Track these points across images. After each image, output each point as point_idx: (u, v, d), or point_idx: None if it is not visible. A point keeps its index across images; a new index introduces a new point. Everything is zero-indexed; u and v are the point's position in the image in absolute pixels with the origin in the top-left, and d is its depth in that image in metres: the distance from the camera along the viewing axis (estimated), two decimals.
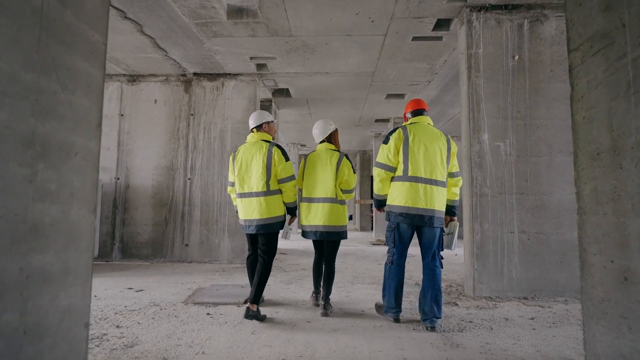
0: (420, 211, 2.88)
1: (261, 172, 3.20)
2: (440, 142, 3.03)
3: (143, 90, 6.55)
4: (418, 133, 3.00)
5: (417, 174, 2.90)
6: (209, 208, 6.30)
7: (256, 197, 3.22)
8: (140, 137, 6.47)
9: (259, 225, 3.21)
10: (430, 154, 2.95)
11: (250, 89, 6.50)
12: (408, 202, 2.90)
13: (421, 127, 3.06)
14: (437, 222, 2.94)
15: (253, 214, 3.22)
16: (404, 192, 2.92)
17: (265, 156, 3.21)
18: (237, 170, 3.31)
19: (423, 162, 2.92)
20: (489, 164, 4.11)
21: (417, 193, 2.89)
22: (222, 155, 6.38)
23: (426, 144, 2.96)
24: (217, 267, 5.76)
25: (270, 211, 3.21)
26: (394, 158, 2.98)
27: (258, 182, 3.21)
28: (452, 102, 8.17)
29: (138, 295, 3.92)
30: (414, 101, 3.29)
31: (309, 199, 3.41)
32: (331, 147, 3.50)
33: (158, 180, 6.39)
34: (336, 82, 6.96)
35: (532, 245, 4.00)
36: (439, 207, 2.94)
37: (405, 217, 2.91)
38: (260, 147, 3.26)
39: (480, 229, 4.04)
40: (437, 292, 2.93)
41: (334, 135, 3.57)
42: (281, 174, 3.24)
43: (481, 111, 4.16)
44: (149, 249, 6.27)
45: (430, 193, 2.90)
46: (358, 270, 5.69)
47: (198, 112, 6.49)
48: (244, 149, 3.35)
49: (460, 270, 5.72)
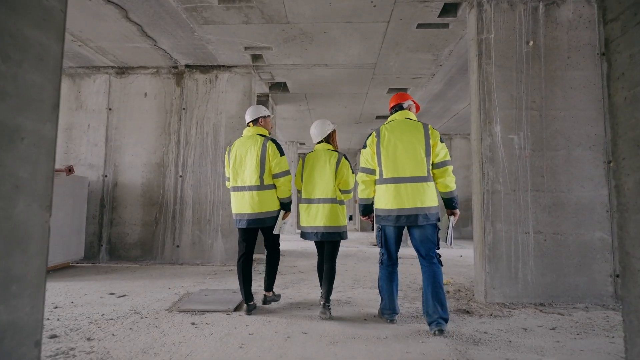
0: (402, 211, 2.80)
1: (255, 166, 3.20)
2: (417, 135, 2.87)
3: (132, 83, 6.22)
4: (392, 132, 2.92)
5: (393, 174, 2.84)
6: (202, 207, 5.97)
7: (249, 191, 3.22)
8: (129, 133, 6.14)
9: (250, 220, 3.21)
10: (406, 150, 2.85)
11: (245, 82, 6.17)
12: (388, 204, 2.85)
13: (397, 124, 2.97)
14: (422, 220, 2.80)
15: (245, 207, 3.22)
16: (383, 195, 2.89)
17: (259, 150, 3.22)
18: (232, 163, 3.30)
19: (398, 161, 2.84)
20: (501, 159, 3.78)
21: (396, 194, 2.82)
22: (215, 152, 6.06)
23: (400, 141, 2.87)
24: (210, 270, 5.43)
25: (262, 206, 3.21)
26: (372, 161, 2.98)
27: (251, 176, 3.21)
28: (457, 97, 7.84)
29: (119, 302, 3.59)
30: (396, 95, 3.19)
31: (308, 200, 3.35)
32: (329, 148, 3.46)
33: (148, 178, 6.06)
34: (336, 75, 6.64)
35: (548, 247, 3.68)
36: (422, 204, 2.79)
37: (387, 219, 2.86)
38: (255, 141, 3.26)
39: (492, 229, 3.71)
40: (438, 290, 2.79)
41: (332, 136, 3.54)
42: (275, 169, 3.25)
43: (493, 101, 3.84)
44: (138, 251, 5.94)
45: (411, 191, 2.80)
46: (359, 273, 5.36)
47: (190, 106, 6.16)
48: (239, 142, 3.34)
49: (467, 272, 5.39)
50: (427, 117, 9.63)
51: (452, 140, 11.59)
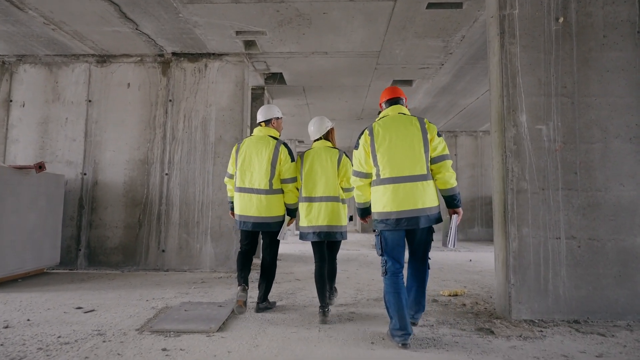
0: (402, 214, 2.57)
1: (265, 169, 3.16)
2: (413, 130, 2.67)
3: (114, 72, 5.71)
4: (385, 128, 2.71)
5: (390, 174, 2.63)
6: (189, 208, 5.46)
7: (257, 194, 3.17)
8: (110, 127, 5.63)
9: (256, 223, 3.17)
10: (403, 148, 2.63)
11: (237, 72, 5.66)
12: (387, 207, 2.61)
13: (390, 120, 2.75)
14: (424, 222, 2.60)
15: (251, 210, 3.17)
16: (381, 197, 2.66)
17: (271, 153, 3.17)
18: (240, 163, 3.24)
19: (395, 159, 2.63)
20: (528, 153, 3.27)
21: (394, 195, 2.59)
22: (204, 147, 5.55)
23: (395, 139, 2.66)
24: (197, 277, 4.92)
25: (270, 210, 3.18)
26: (366, 164, 2.75)
27: (261, 179, 3.16)
28: (465, 90, 7.34)
29: (84, 319, 3.08)
30: (389, 89, 2.97)
31: (309, 198, 3.25)
32: (328, 145, 3.39)
33: (131, 176, 5.54)
34: (336, 65, 6.13)
35: (583, 255, 3.17)
36: (423, 204, 2.59)
37: (387, 223, 2.62)
38: (267, 143, 3.22)
39: (517, 234, 3.21)
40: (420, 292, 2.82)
41: (330, 133, 3.47)
42: (285, 174, 3.22)
43: (517, 87, 3.33)
44: (119, 256, 5.42)
45: (410, 192, 2.58)
46: (362, 280, 4.85)
47: (177, 98, 5.65)
48: (249, 142, 3.27)
49: (482, 280, 4.88)
50: (432, 113, 9.13)
51: (457, 137, 11.08)
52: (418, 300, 2.81)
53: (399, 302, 2.56)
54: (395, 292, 2.59)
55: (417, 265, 2.80)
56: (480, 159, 11.04)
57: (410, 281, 2.81)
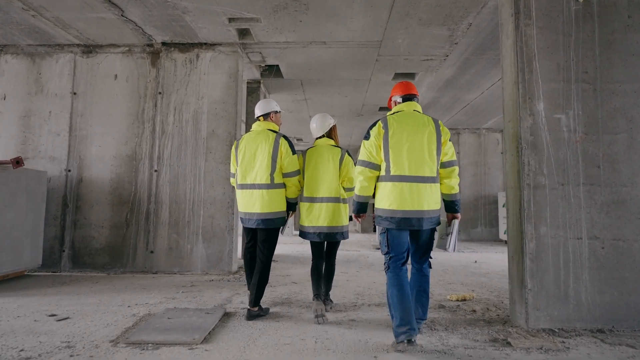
0: (407, 214, 2.50)
1: (266, 163, 3.07)
2: (428, 131, 2.58)
3: (101, 63, 5.40)
4: (400, 124, 2.59)
5: (401, 172, 2.53)
6: (180, 207, 5.15)
7: (259, 189, 3.08)
8: (96, 121, 5.32)
9: (260, 220, 3.08)
10: (416, 147, 2.55)
11: (231, 62, 5.36)
12: (393, 205, 2.53)
13: (405, 115, 2.64)
14: (427, 224, 2.55)
15: (254, 207, 3.09)
16: (388, 194, 2.55)
17: (271, 147, 3.08)
18: (240, 160, 3.17)
19: (407, 158, 2.54)
20: (545, 144, 2.97)
21: (402, 194, 2.51)
22: (195, 142, 5.24)
23: (410, 136, 2.56)
24: (187, 280, 4.61)
25: (272, 205, 3.07)
26: (377, 155, 2.62)
27: (262, 174, 3.07)
28: (470, 84, 7.04)
29: (55, 328, 2.78)
30: (404, 84, 2.81)
31: (311, 199, 3.22)
32: (331, 143, 3.33)
33: (118, 173, 5.24)
34: (335, 56, 5.83)
35: (607, 257, 2.87)
36: (428, 206, 2.54)
37: (391, 221, 2.54)
38: (266, 137, 3.12)
39: (535, 234, 2.91)
40: (422, 294, 2.67)
41: (333, 130, 3.41)
42: (287, 168, 3.12)
43: (534, 72, 3.03)
44: (105, 257, 5.12)
45: (417, 192, 2.51)
46: (362, 283, 4.55)
47: (167, 90, 5.34)
48: (248, 137, 3.19)
49: (490, 283, 4.58)
50: (434, 109, 8.84)
51: (460, 135, 10.78)
52: (420, 301, 2.66)
53: (402, 295, 2.45)
54: (398, 285, 2.48)
55: (418, 265, 2.70)
56: (484, 157, 10.75)
57: (411, 282, 2.69)
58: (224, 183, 5.15)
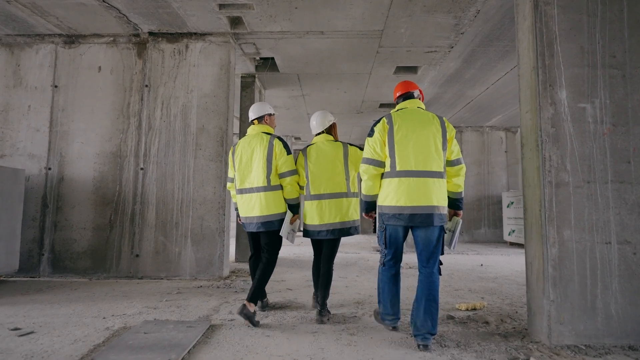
0: (416, 209, 2.47)
1: (262, 166, 3.05)
2: (433, 127, 2.58)
3: (84, 54, 5.07)
4: (405, 120, 2.60)
5: (407, 167, 2.52)
6: (167, 207, 4.82)
7: (257, 192, 3.06)
8: (79, 115, 4.99)
9: (260, 223, 3.04)
10: (422, 143, 2.54)
11: (222, 54, 5.03)
12: (400, 201, 2.50)
13: (409, 112, 2.65)
14: (437, 220, 2.49)
15: (253, 210, 3.06)
16: (395, 190, 2.52)
17: (266, 149, 3.07)
18: (237, 164, 3.15)
19: (413, 153, 2.53)
20: (569, 137, 2.65)
21: (409, 189, 2.49)
22: (184, 138, 4.91)
23: (415, 132, 2.55)
24: (174, 286, 4.28)
25: (270, 207, 3.04)
26: (381, 152, 2.62)
27: (259, 176, 3.06)
28: (475, 79, 6.72)
29: (14, 346, 2.45)
30: (403, 83, 2.87)
31: (318, 196, 3.13)
32: (331, 139, 3.26)
33: (101, 171, 4.91)
34: (334, 48, 5.50)
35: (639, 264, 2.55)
36: (437, 202, 2.49)
37: (399, 218, 2.51)
38: (261, 140, 3.11)
39: (557, 238, 2.58)
40: (431, 304, 2.47)
41: (333, 128, 3.35)
42: (282, 168, 3.08)
43: (555, 56, 2.71)
44: (87, 261, 4.78)
45: (425, 187, 2.48)
46: (363, 290, 4.22)
47: (155, 83, 5.01)
48: (243, 142, 3.17)
49: (500, 290, 4.25)
50: (436, 106, 8.51)
51: (462, 133, 10.46)
52: (429, 310, 2.46)
53: (392, 291, 2.66)
54: (390, 282, 2.66)
55: (423, 269, 2.55)
56: (487, 155, 10.43)
57: (419, 290, 2.53)
58: (214, 182, 4.82)
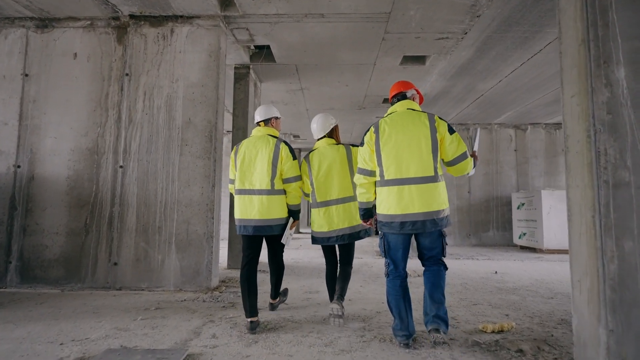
0: (407, 217, 2.46)
1: (266, 168, 3.00)
2: (422, 128, 2.52)
3: (58, 40, 4.56)
4: (393, 126, 2.57)
5: (395, 176, 2.51)
6: (150, 210, 4.31)
7: (258, 195, 3.00)
8: (52, 107, 4.48)
9: (257, 227, 2.98)
10: (409, 148, 2.50)
11: (211, 39, 4.52)
12: (390, 209, 2.52)
13: (398, 117, 2.61)
14: (431, 227, 2.47)
15: (252, 213, 3.00)
16: (385, 199, 2.56)
17: (272, 152, 3.03)
18: (239, 164, 3.09)
19: (401, 160, 2.51)
20: (629, 126, 2.14)
21: (399, 197, 2.49)
22: (169, 133, 4.40)
23: (403, 137, 2.53)
24: (154, 300, 3.77)
25: (271, 212, 3.00)
26: (370, 161, 2.65)
27: (262, 179, 3.00)
28: (488, 70, 6.21)
29: None
30: (397, 84, 2.81)
31: (326, 203, 3.10)
32: (333, 142, 3.23)
33: (76, 169, 4.40)
34: (335, 34, 5.00)
35: None
36: (429, 207, 2.47)
37: (391, 226, 2.52)
38: (266, 142, 3.08)
39: (617, 252, 2.07)
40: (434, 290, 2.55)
41: (335, 131, 3.30)
42: (287, 173, 3.06)
43: (610, 27, 2.20)
44: (60, 270, 4.27)
45: (416, 194, 2.46)
46: (369, 304, 3.71)
47: (136, 72, 4.51)
48: (247, 142, 3.13)
49: (522, 303, 3.74)
50: (444, 101, 8.01)
51: (469, 131, 9.96)
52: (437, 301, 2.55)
53: (399, 305, 2.56)
54: (396, 295, 2.58)
55: (431, 268, 2.62)
56: (495, 154, 9.93)
57: (426, 286, 2.61)
58: (202, 181, 4.31)
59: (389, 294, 2.62)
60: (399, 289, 2.58)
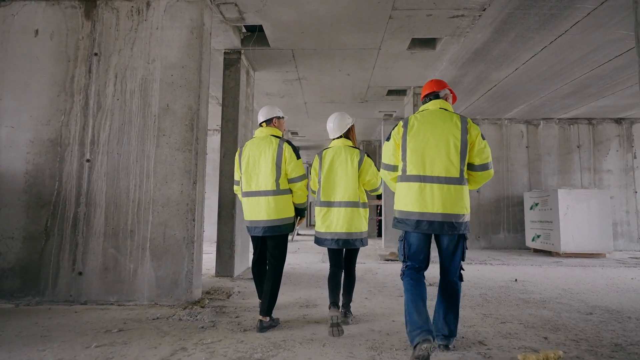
0: (424, 216, 2.38)
1: (270, 169, 2.99)
2: (452, 128, 2.41)
3: (16, 14, 3.96)
4: (423, 123, 2.49)
5: (419, 172, 2.43)
6: (120, 210, 3.71)
7: (264, 196, 2.99)
8: (9, 92, 3.88)
9: (267, 227, 2.99)
10: (437, 146, 2.41)
11: (193, 13, 3.93)
12: (408, 206, 2.43)
13: (429, 114, 2.52)
14: (449, 229, 2.36)
15: (260, 214, 3.00)
16: (404, 195, 2.47)
17: (275, 152, 3.00)
18: (244, 167, 3.08)
19: (427, 157, 2.42)
20: None
21: (419, 194, 2.40)
22: (143, 122, 3.80)
23: (430, 133, 2.44)
24: (120, 318, 3.16)
25: (279, 212, 2.99)
26: (394, 156, 2.59)
27: (267, 180, 2.99)
28: (504, 56, 5.62)
29: None
30: (430, 82, 2.68)
31: (328, 203, 3.04)
32: (349, 144, 3.12)
33: (36, 164, 3.80)
34: (335, 12, 4.40)
35: None
36: (451, 210, 2.36)
37: (406, 223, 2.43)
38: (269, 143, 3.05)
39: None
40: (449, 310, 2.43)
41: (351, 131, 3.21)
42: (292, 173, 3.04)
43: None
44: (15, 281, 3.67)
45: (438, 194, 2.37)
46: (378, 323, 3.11)
47: (107, 51, 3.91)
48: (251, 144, 3.11)
49: (558, 321, 3.13)
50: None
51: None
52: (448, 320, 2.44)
53: (416, 300, 2.29)
54: (413, 292, 2.34)
55: (444, 278, 2.48)
56: (506, 151, 9.34)
57: (438, 300, 2.51)
58: (181, 177, 3.71)
59: (406, 291, 2.40)
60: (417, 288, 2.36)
